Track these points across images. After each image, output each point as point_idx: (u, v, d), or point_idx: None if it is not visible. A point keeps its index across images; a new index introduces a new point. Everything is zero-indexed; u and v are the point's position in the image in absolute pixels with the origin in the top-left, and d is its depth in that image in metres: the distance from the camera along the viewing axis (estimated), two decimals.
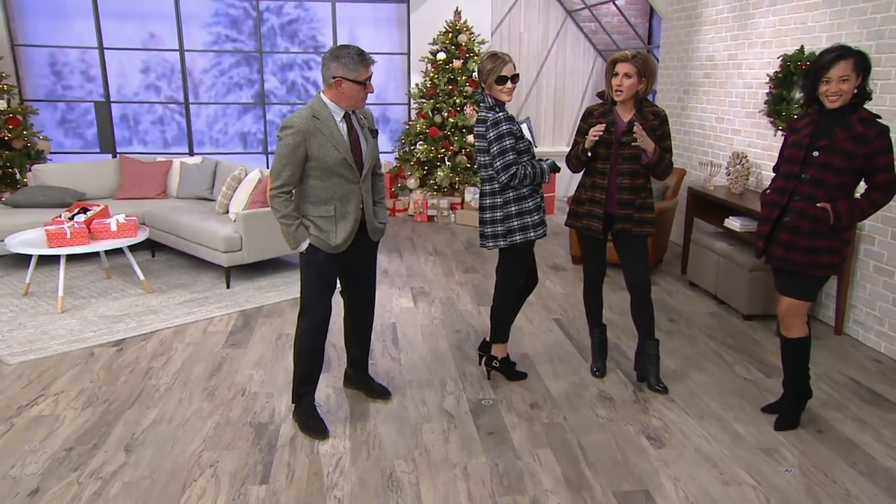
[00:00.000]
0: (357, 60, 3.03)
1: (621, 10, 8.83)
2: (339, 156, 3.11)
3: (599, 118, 3.63)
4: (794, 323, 3.26)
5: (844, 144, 2.97)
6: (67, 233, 4.91)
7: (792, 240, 3.10)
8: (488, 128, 3.45)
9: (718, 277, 5.13)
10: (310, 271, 3.25)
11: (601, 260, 3.87)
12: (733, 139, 6.00)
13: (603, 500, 2.82)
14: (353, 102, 3.12)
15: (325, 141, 3.07)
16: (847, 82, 2.94)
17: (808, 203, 3.06)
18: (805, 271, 3.12)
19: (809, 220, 3.06)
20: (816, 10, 4.91)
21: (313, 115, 3.07)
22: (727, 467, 3.06)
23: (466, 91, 7.82)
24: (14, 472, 2.98)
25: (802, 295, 3.19)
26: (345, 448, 3.21)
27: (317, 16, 9.14)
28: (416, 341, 4.48)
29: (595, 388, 3.83)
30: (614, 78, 3.50)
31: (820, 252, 3.08)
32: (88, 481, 2.93)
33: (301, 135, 3.03)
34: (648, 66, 3.47)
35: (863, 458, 3.15)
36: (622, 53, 3.51)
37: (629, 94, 3.50)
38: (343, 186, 3.18)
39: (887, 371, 4.08)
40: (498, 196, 3.53)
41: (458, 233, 7.50)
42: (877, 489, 2.91)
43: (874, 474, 3.02)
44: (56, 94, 8.62)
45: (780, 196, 3.15)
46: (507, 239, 3.55)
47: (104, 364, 4.08)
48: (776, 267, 3.21)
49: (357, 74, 3.05)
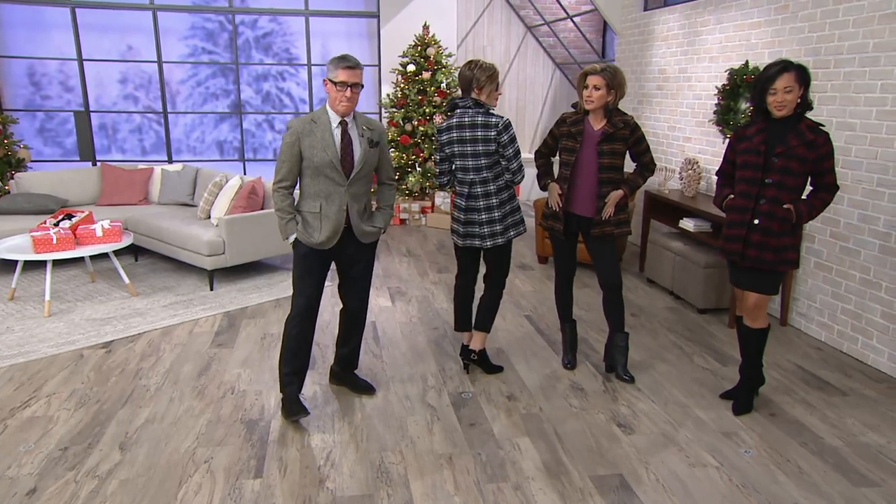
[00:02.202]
0: (336, 63, 3.11)
1: (578, 26, 8.93)
2: (327, 158, 3.16)
3: (571, 126, 3.66)
4: (760, 315, 3.35)
5: (799, 150, 3.06)
6: (54, 238, 4.76)
7: (763, 240, 3.18)
8: (500, 131, 3.49)
9: (675, 274, 5.23)
10: (295, 262, 3.33)
11: (572, 259, 3.90)
12: (685, 146, 6.12)
13: (581, 485, 2.85)
14: (335, 104, 3.16)
15: (315, 142, 3.15)
16: (791, 93, 3.04)
17: (775, 205, 3.14)
18: (775, 268, 3.21)
19: (777, 221, 3.15)
20: (759, 28, 5.03)
21: (312, 120, 3.19)
22: (692, 450, 3.12)
23: (435, 101, 7.82)
24: (11, 473, 2.88)
25: (770, 289, 3.28)
26: (334, 442, 3.18)
27: (290, 29, 9.04)
28: (396, 338, 4.46)
29: (567, 379, 3.87)
30: (585, 90, 3.53)
31: (787, 249, 3.18)
32: (85, 480, 2.84)
33: (296, 135, 3.15)
34: (617, 78, 3.52)
35: (812, 438, 3.24)
36: (592, 67, 3.55)
37: (599, 104, 3.54)
38: (328, 187, 3.22)
39: (828, 358, 4.20)
40: (504, 192, 3.62)
41: (430, 235, 7.49)
42: (826, 466, 2.99)
43: (823, 452, 3.11)
44: (35, 103, 8.36)
45: (746, 200, 3.22)
46: (517, 229, 3.68)
47: (94, 366, 3.97)
48: (750, 266, 3.26)
49: (334, 75, 3.12)
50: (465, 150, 3.58)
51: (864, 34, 4.04)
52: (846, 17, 4.18)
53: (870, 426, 3.34)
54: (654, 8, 6.68)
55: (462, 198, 3.66)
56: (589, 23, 9.27)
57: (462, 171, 3.64)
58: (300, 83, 9.23)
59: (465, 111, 3.57)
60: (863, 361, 4.12)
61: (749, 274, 3.30)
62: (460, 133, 3.56)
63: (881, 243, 3.95)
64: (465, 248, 3.77)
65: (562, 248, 3.87)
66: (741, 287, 3.37)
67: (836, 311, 4.32)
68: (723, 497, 2.76)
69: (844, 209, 4.21)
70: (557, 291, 3.99)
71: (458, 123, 3.57)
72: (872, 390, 3.75)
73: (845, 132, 4.17)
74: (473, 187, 3.61)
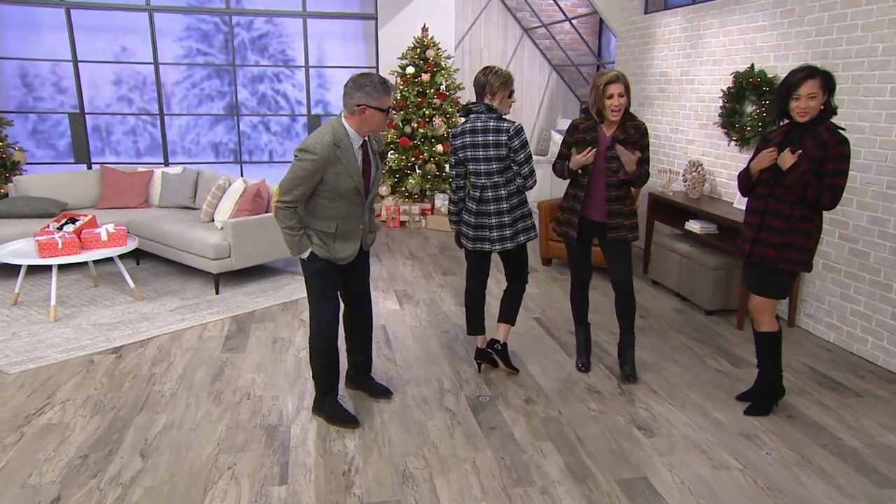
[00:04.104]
0: (380, 89, 3.02)
1: (577, 27, 8.97)
2: (353, 184, 3.12)
3: (584, 132, 3.67)
4: (764, 319, 3.38)
5: (812, 151, 3.09)
6: (59, 243, 4.71)
7: (767, 237, 3.22)
8: (511, 136, 3.52)
9: (681, 276, 5.26)
10: (313, 276, 3.25)
11: (587, 264, 3.92)
12: (688, 148, 6.17)
13: (607, 489, 2.86)
14: (374, 128, 3.11)
15: (342, 170, 3.06)
16: (815, 99, 3.06)
17: (780, 203, 3.18)
18: (775, 266, 3.23)
19: (781, 218, 3.18)
20: (764, 31, 5.09)
21: (335, 143, 3.02)
22: (714, 453, 3.14)
23: (435, 103, 7.82)
24: (33, 481, 2.85)
25: (771, 291, 3.31)
26: (356, 447, 3.17)
27: (286, 31, 9.01)
28: (408, 342, 4.46)
29: (583, 382, 3.88)
30: (609, 99, 3.52)
31: (791, 248, 3.19)
32: (109, 488, 2.82)
33: (321, 163, 3.00)
34: (628, 82, 3.56)
35: (831, 439, 3.27)
36: (612, 74, 3.53)
37: (622, 111, 3.56)
38: (348, 208, 3.20)
39: (837, 359, 4.25)
40: (515, 197, 3.65)
41: (431, 237, 7.49)
42: (848, 468, 3.03)
43: (843, 454, 3.14)
44: (27, 105, 8.27)
45: (758, 202, 3.26)
46: (527, 234, 3.72)
47: (105, 371, 3.93)
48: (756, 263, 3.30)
49: (380, 102, 3.03)
50: (477, 154, 3.60)
51: (873, 38, 4.10)
52: (854, 21, 4.23)
53: (887, 427, 3.39)
54: (655, 11, 6.73)
55: (473, 201, 3.68)
56: (585, 25, 9.32)
57: (474, 175, 3.66)
58: (296, 85, 9.19)
59: (477, 116, 3.61)
60: (873, 362, 4.17)
61: (754, 274, 3.34)
62: (473, 138, 3.59)
63: (891, 245, 4.01)
64: (475, 251, 3.78)
65: (576, 254, 3.88)
66: (748, 288, 3.43)
67: (846, 313, 4.37)
68: (749, 499, 2.79)
69: (854, 211, 4.26)
70: (572, 297, 4.01)
71: (471, 128, 3.60)
72: (885, 391, 3.80)
73: (854, 135, 4.22)
74: (485, 191, 3.63)
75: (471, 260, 3.87)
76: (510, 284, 3.88)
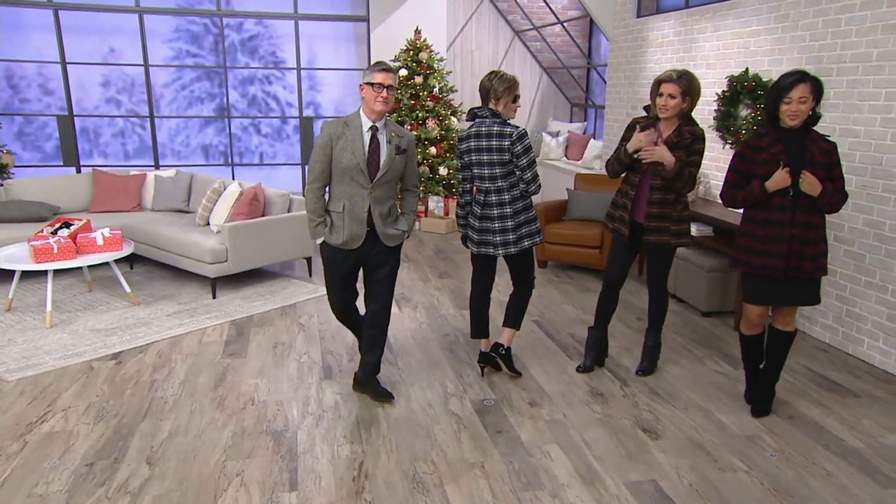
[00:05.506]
0: (373, 68, 3.30)
1: (568, 30, 9.02)
2: (354, 161, 3.31)
3: (643, 130, 3.66)
4: (791, 321, 3.46)
5: (819, 158, 3.15)
6: (55, 248, 4.65)
7: (801, 250, 3.22)
8: (514, 141, 3.54)
9: (677, 278, 5.31)
10: (325, 264, 3.54)
11: (623, 268, 3.92)
12: None
13: (616, 492, 2.88)
14: (371, 104, 3.29)
15: (346, 145, 3.31)
16: (805, 103, 3.12)
17: (809, 214, 3.21)
18: (813, 276, 3.27)
19: (814, 230, 3.22)
20: (758, 35, 5.15)
21: (345, 123, 3.35)
22: (719, 455, 3.18)
23: (428, 105, 7.83)
24: (39, 490, 2.82)
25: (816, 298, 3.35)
26: (364, 452, 3.17)
27: (276, 32, 8.97)
28: (409, 346, 4.46)
29: (585, 385, 3.91)
30: (659, 98, 3.55)
31: (822, 256, 3.26)
32: (117, 496, 2.79)
33: (328, 137, 3.32)
34: (693, 85, 3.53)
35: (833, 440, 3.32)
36: (668, 74, 3.54)
37: (673, 113, 3.56)
38: (353, 189, 3.37)
39: (834, 360, 4.31)
40: (519, 202, 3.67)
41: (425, 240, 7.49)
42: (851, 468, 3.08)
43: (846, 454, 3.19)
44: (13, 107, 8.17)
45: (782, 214, 3.20)
46: (532, 239, 3.73)
47: (106, 378, 3.90)
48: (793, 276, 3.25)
49: (371, 77, 3.28)
50: (481, 158, 3.63)
51: (867, 43, 4.16)
52: (848, 27, 4.30)
53: (888, 427, 3.44)
54: (647, 14, 6.78)
55: (478, 205, 3.71)
56: (576, 27, 9.36)
57: (479, 179, 3.69)
58: (287, 87, 9.15)
59: (482, 120, 3.65)
60: (869, 363, 4.23)
61: (787, 288, 3.29)
62: (477, 142, 3.62)
63: (887, 247, 4.07)
64: (479, 255, 3.81)
65: (619, 254, 3.89)
66: (778, 304, 3.37)
67: (842, 314, 4.44)
68: (757, 501, 2.82)
69: (849, 214, 4.33)
70: (600, 298, 4.02)
71: (476, 133, 3.64)
72: (883, 391, 3.86)
73: (849, 139, 4.29)
74: (488, 196, 3.66)
75: (476, 264, 3.89)
76: (516, 289, 3.91)
